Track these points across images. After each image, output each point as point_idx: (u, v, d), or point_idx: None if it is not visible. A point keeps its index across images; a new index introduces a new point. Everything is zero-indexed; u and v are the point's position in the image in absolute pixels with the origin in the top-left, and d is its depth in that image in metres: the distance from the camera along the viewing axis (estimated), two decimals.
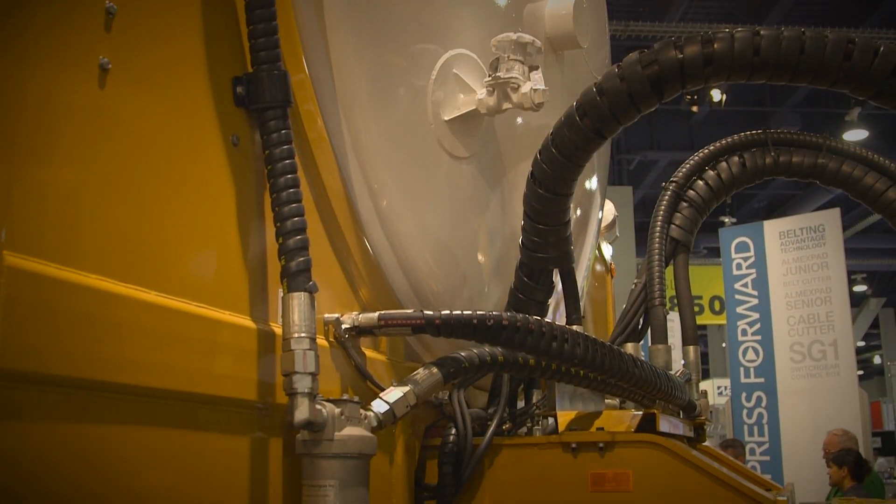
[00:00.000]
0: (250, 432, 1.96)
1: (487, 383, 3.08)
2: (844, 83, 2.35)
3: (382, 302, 2.61)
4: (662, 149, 20.23)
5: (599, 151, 3.01)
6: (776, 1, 15.59)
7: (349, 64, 2.44)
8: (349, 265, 2.52)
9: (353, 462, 2.00)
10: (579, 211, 4.09)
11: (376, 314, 2.32)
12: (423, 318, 2.29)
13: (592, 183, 4.32)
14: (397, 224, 2.63)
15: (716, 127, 17.45)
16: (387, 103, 2.63)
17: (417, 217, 2.76)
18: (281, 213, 2.00)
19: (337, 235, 2.46)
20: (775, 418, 12.53)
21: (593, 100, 2.49)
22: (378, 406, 2.17)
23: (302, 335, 1.94)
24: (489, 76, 2.85)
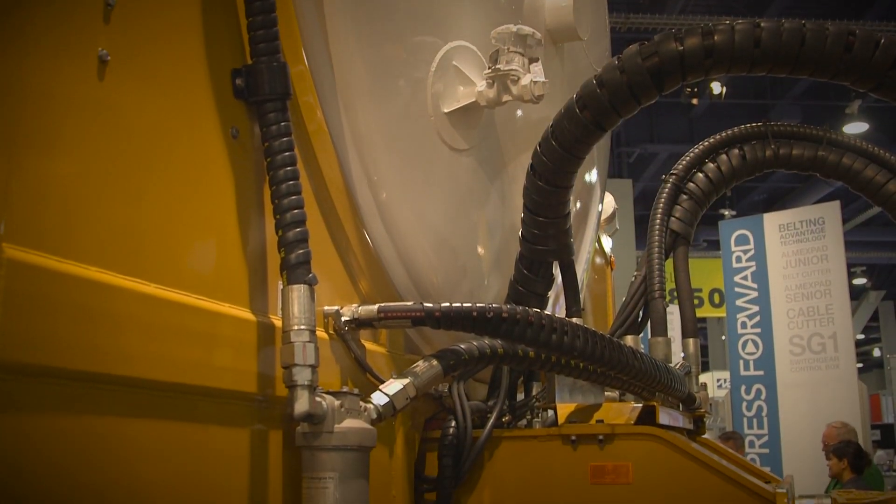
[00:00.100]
0: (250, 424, 1.96)
1: (487, 376, 3.08)
2: (845, 75, 2.34)
3: (382, 294, 2.61)
4: (662, 141, 20.22)
5: (599, 144, 3.01)
6: None
7: (349, 56, 2.44)
8: (349, 257, 2.51)
9: (353, 454, 2.00)
10: (579, 203, 4.09)
11: (376, 306, 2.32)
12: (423, 311, 2.29)
13: (592, 175, 4.32)
14: (397, 216, 2.63)
15: (716, 120, 17.42)
16: (386, 95, 2.62)
17: (417, 209, 2.75)
18: (280, 206, 2.00)
19: (336, 228, 2.46)
20: (774, 411, 12.55)
21: (593, 92, 2.49)
22: (378, 398, 2.17)
23: (302, 327, 1.94)
24: (489, 68, 2.84)
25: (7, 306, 1.33)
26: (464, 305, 2.29)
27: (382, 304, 2.33)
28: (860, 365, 29.39)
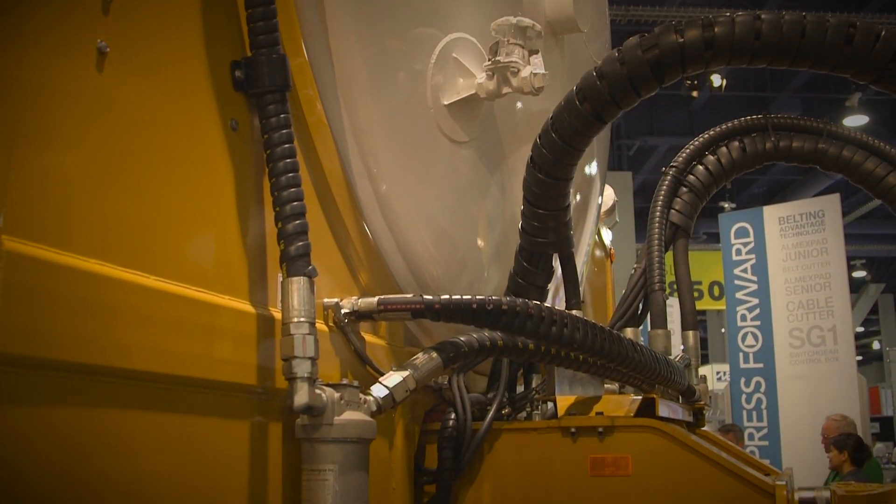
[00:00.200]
0: (250, 417, 1.96)
1: (487, 368, 3.08)
2: (845, 67, 2.34)
3: (382, 286, 2.61)
4: (662, 134, 20.21)
5: (599, 136, 3.00)
6: None
7: (348, 48, 2.43)
8: (348, 250, 2.51)
9: (353, 446, 2.00)
10: (579, 196, 4.09)
11: (376, 299, 2.32)
12: (423, 303, 2.29)
13: (592, 168, 4.31)
14: (397, 208, 2.63)
15: (716, 112, 17.40)
16: (386, 87, 2.62)
17: (417, 202, 2.75)
18: (280, 198, 1.99)
19: (336, 220, 2.46)
20: (774, 403, 12.57)
21: (593, 84, 2.48)
22: (377, 391, 2.17)
23: (301, 320, 1.94)
24: (489, 60, 2.84)
25: (6, 298, 1.33)
26: (463, 298, 2.29)
27: (382, 297, 2.33)
28: (859, 358, 29.46)
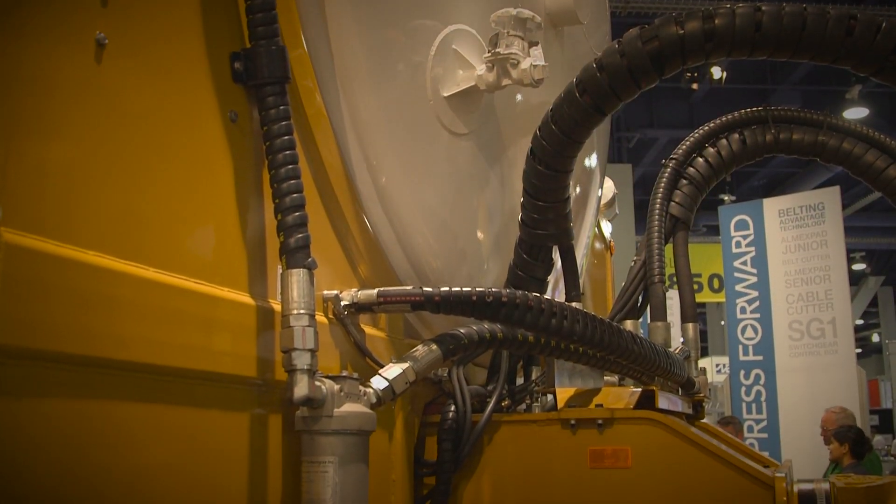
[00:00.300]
0: (250, 409, 1.96)
1: (487, 360, 3.08)
2: (846, 59, 2.33)
3: (381, 279, 2.61)
4: (662, 126, 20.18)
5: (599, 129, 3.00)
6: None
7: (348, 39, 2.43)
8: (348, 242, 2.51)
9: (353, 438, 2.00)
10: (579, 188, 4.08)
11: (375, 291, 2.32)
12: (423, 295, 2.29)
13: (592, 160, 4.31)
14: (396, 200, 2.62)
15: (716, 105, 17.35)
16: (386, 79, 2.62)
17: (416, 193, 2.75)
18: (279, 190, 1.99)
19: (336, 212, 2.45)
20: (773, 396, 12.58)
21: (593, 76, 2.48)
22: (377, 383, 2.17)
23: (301, 312, 1.94)
24: (488, 52, 2.83)
25: (5, 290, 1.33)
26: (463, 290, 2.29)
27: (382, 289, 2.33)
28: (859, 350, 29.49)
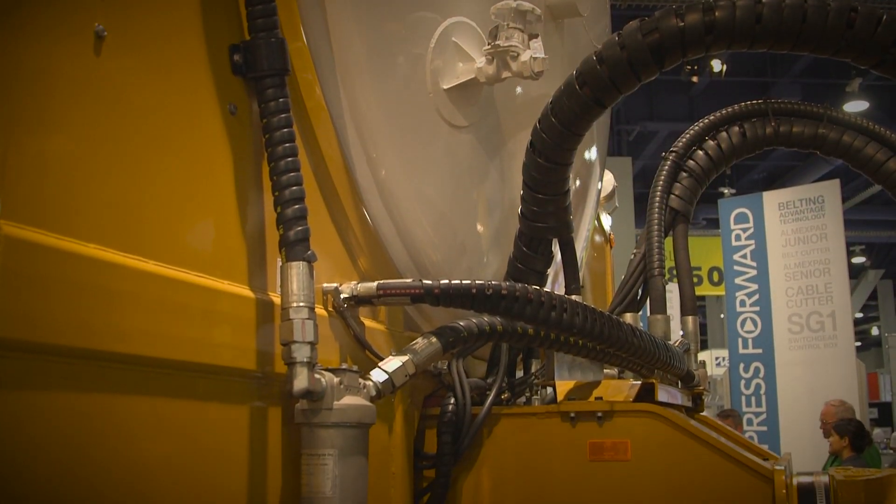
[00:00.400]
0: (249, 401, 1.96)
1: (486, 353, 3.08)
2: (847, 52, 2.33)
3: (381, 271, 2.61)
4: (662, 119, 20.16)
5: (599, 122, 3.00)
6: None
7: (348, 32, 2.42)
8: (348, 234, 2.51)
9: (352, 431, 2.00)
10: (578, 181, 4.08)
11: (375, 283, 2.32)
12: (422, 288, 2.29)
13: (592, 153, 4.31)
14: (396, 193, 2.62)
15: (716, 97, 17.35)
16: (385, 72, 2.61)
17: (416, 186, 2.75)
18: (279, 182, 1.99)
19: (335, 205, 2.45)
20: (773, 389, 12.59)
21: (593, 68, 2.47)
22: (377, 375, 2.17)
23: (301, 304, 1.93)
24: (488, 44, 2.82)
25: (5, 283, 1.32)
26: (463, 282, 2.29)
27: (381, 282, 2.33)
28: (858, 343, 29.47)
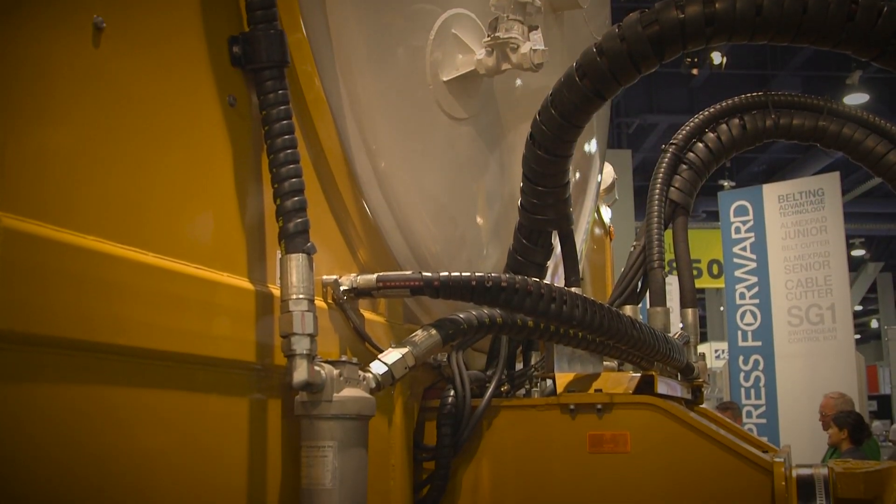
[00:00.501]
0: (249, 394, 1.96)
1: (486, 345, 3.08)
2: (847, 44, 2.32)
3: (381, 263, 2.61)
4: (662, 112, 20.14)
5: (599, 114, 2.99)
6: None
7: (347, 24, 2.42)
8: (347, 227, 2.51)
9: (352, 423, 2.00)
10: (578, 174, 4.08)
11: (375, 276, 2.31)
12: (422, 280, 2.29)
13: (591, 146, 4.30)
14: (396, 185, 2.62)
15: (716, 90, 17.31)
16: (385, 64, 2.61)
17: (416, 178, 2.74)
18: (278, 174, 1.98)
19: (335, 197, 2.45)
20: (772, 381, 12.61)
21: (593, 60, 2.47)
22: (376, 367, 2.17)
23: (300, 297, 1.93)
24: (488, 36, 2.82)
25: (4, 275, 1.32)
26: (463, 274, 2.28)
27: (381, 274, 2.33)
28: (858, 336, 29.53)
